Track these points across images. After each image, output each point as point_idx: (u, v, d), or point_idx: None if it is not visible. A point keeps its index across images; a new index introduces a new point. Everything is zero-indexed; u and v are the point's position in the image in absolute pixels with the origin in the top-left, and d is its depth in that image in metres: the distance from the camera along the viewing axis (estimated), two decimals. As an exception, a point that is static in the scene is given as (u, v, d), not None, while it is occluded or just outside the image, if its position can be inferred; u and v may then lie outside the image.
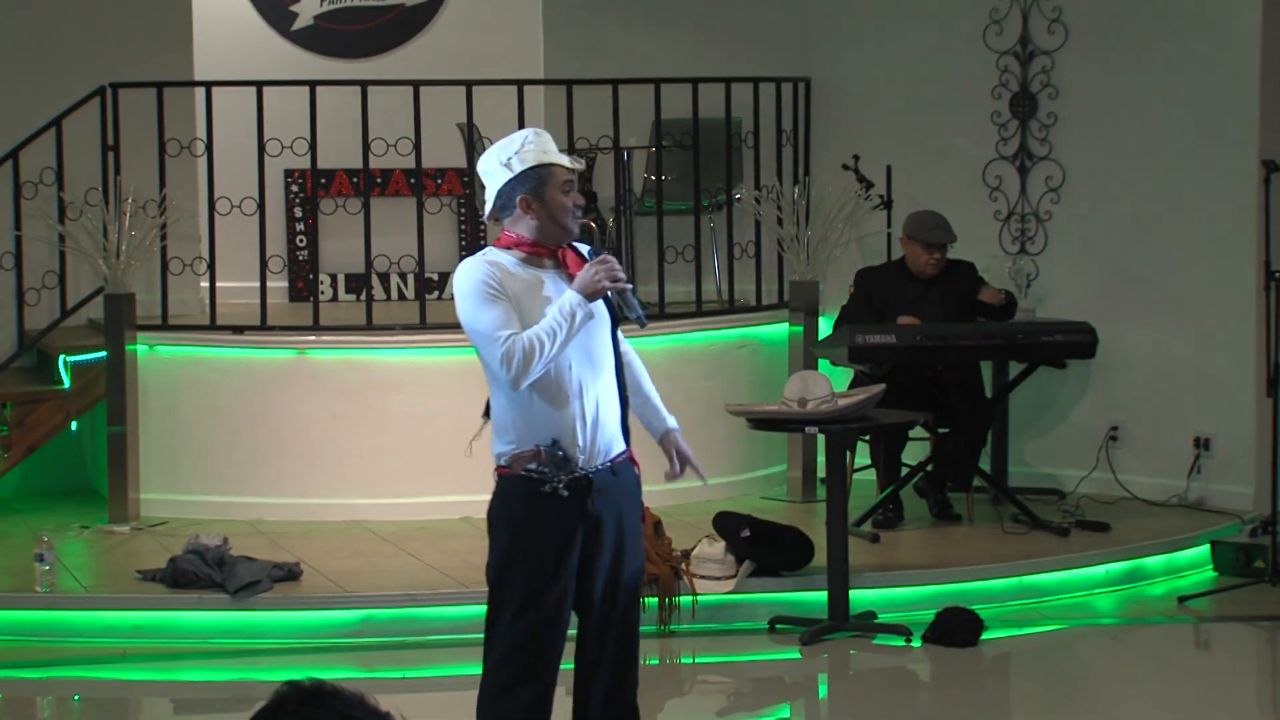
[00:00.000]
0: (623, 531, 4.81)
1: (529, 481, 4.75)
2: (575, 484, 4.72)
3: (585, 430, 4.72)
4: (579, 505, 4.74)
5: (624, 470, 4.84)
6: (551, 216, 4.75)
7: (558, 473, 4.71)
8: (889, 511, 8.55)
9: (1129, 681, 7.19)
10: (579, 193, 4.81)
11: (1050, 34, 9.47)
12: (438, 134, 9.22)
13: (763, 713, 6.99)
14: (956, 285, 8.70)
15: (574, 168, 4.79)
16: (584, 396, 4.73)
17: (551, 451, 4.70)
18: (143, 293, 8.79)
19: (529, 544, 4.78)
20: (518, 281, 4.73)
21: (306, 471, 8.74)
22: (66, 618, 7.33)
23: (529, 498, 4.75)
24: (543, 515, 4.74)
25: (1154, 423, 9.24)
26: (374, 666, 7.10)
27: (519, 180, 4.75)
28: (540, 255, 4.77)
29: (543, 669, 4.82)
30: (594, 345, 4.76)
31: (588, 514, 4.75)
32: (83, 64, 9.15)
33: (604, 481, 4.76)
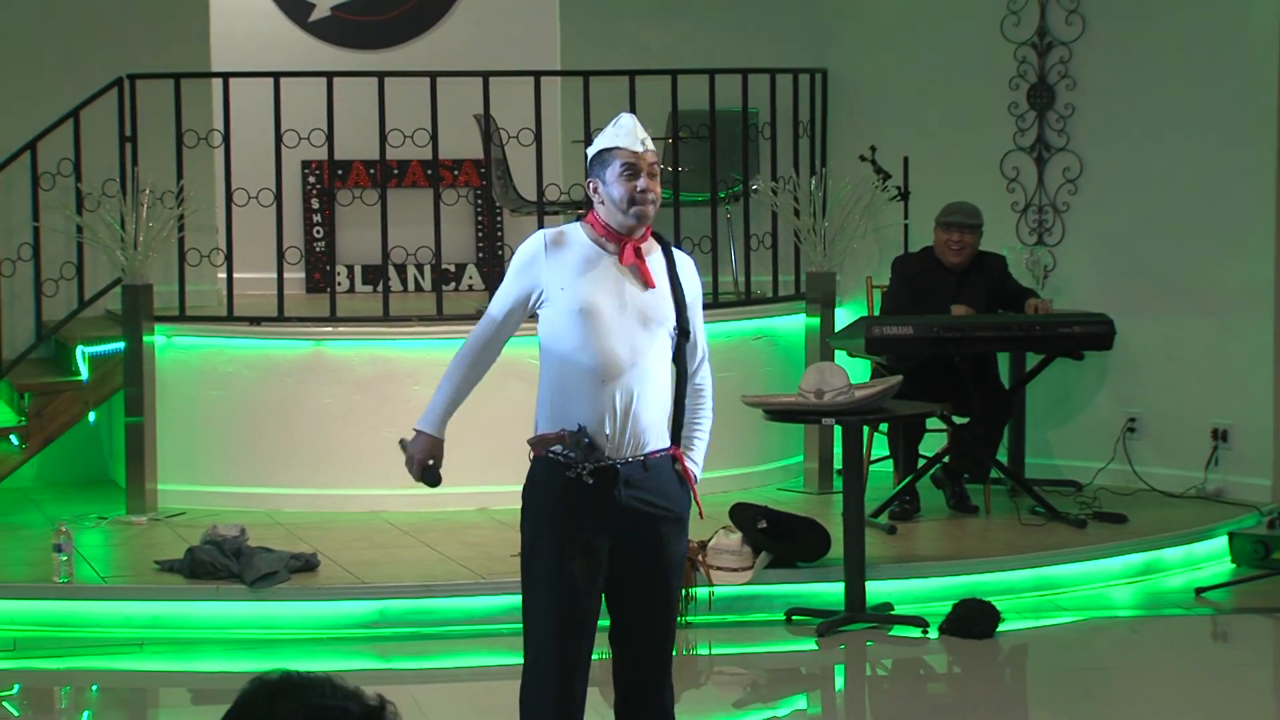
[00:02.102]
0: (657, 529, 4.71)
1: (556, 465, 4.68)
2: (600, 473, 4.66)
3: (614, 420, 4.66)
4: (606, 495, 4.66)
5: (660, 467, 4.72)
6: (612, 201, 4.71)
7: (583, 459, 4.65)
8: (906, 503, 8.54)
9: (1146, 674, 7.18)
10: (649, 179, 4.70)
11: (1068, 25, 9.45)
12: (454, 125, 9.23)
13: (779, 704, 6.99)
14: (984, 277, 8.70)
15: (638, 150, 4.69)
16: (617, 387, 4.66)
17: (576, 437, 4.65)
18: (160, 284, 8.80)
19: (553, 529, 4.71)
20: (576, 252, 4.72)
21: (324, 462, 8.75)
22: (84, 608, 7.35)
23: (555, 482, 4.69)
24: (568, 500, 4.68)
25: (1171, 414, 9.23)
26: (391, 657, 7.11)
27: (590, 163, 4.77)
28: (609, 240, 4.73)
29: (568, 657, 4.73)
30: (637, 340, 4.68)
31: (618, 506, 4.67)
32: (100, 55, 9.16)
33: (634, 475, 4.68)
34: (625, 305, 4.69)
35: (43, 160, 8.83)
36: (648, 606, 4.76)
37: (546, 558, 4.71)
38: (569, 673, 4.73)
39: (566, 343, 4.68)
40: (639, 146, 4.70)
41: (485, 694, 7.02)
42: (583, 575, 4.69)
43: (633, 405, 4.67)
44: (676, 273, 4.78)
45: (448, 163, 9.90)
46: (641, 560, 4.72)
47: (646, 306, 4.71)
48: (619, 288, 4.70)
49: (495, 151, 9.13)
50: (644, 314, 4.70)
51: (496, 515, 8.50)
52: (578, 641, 4.73)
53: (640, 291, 4.71)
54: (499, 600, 7.35)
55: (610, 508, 4.67)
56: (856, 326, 8.46)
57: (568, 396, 4.68)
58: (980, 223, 8.68)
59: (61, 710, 6.92)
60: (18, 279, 9.00)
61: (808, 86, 9.66)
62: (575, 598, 4.69)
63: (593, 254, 4.72)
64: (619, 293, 4.70)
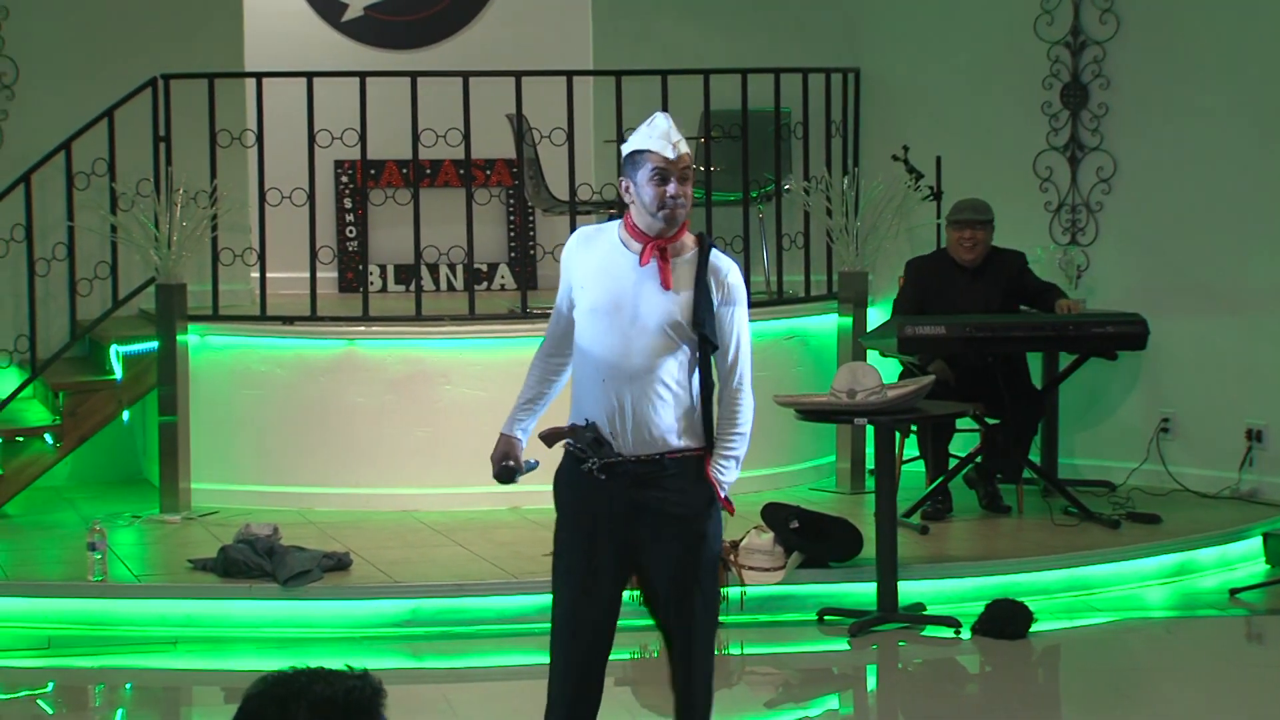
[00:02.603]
0: (672, 529, 4.72)
1: (573, 458, 4.75)
2: (610, 468, 4.69)
3: (620, 419, 4.69)
4: (620, 491, 4.70)
5: (682, 467, 4.72)
6: (641, 203, 4.71)
7: (592, 454, 4.69)
8: (938, 503, 8.52)
9: (1180, 675, 7.15)
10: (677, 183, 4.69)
11: (1102, 24, 9.42)
12: (487, 125, 9.23)
13: (812, 704, 6.98)
14: (1001, 274, 8.67)
15: (669, 156, 4.67)
16: (621, 387, 4.68)
17: (582, 432, 4.70)
18: (194, 283, 8.82)
19: (569, 519, 4.81)
20: (602, 252, 4.76)
21: (356, 461, 8.76)
22: (118, 606, 7.37)
23: (573, 474, 4.76)
24: (583, 492, 4.74)
25: (1205, 414, 9.19)
26: (423, 656, 7.12)
27: (624, 163, 4.76)
28: (636, 239, 4.74)
29: (578, 650, 4.77)
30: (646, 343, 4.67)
31: (632, 502, 4.70)
32: (135, 56, 9.20)
33: (649, 473, 4.70)
34: (637, 308, 4.68)
35: (77, 160, 8.87)
36: (666, 605, 4.78)
37: (562, 550, 4.81)
38: (575, 669, 4.77)
39: (582, 340, 4.75)
40: (670, 152, 4.68)
41: (516, 693, 7.03)
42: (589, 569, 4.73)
43: (638, 407, 4.68)
44: (706, 278, 4.72)
45: (480, 162, 9.91)
46: (659, 560, 4.74)
47: (660, 310, 4.69)
48: (636, 290, 4.70)
49: (528, 151, 9.14)
50: (657, 317, 4.68)
51: (528, 515, 8.51)
52: (584, 636, 4.75)
53: (658, 294, 4.69)
54: (530, 600, 7.35)
55: (623, 504, 4.70)
56: (889, 326, 8.45)
57: (582, 392, 4.76)
58: (991, 218, 8.66)
59: (95, 708, 6.95)
60: (52, 278, 9.04)
61: (840, 86, 9.65)
62: (581, 592, 4.74)
63: (617, 254, 4.74)
64: (634, 295, 4.70)
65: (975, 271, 8.66)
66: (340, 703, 2.69)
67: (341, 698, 2.69)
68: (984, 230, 8.64)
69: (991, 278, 8.66)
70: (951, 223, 8.68)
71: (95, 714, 6.91)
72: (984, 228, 8.64)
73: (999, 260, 8.70)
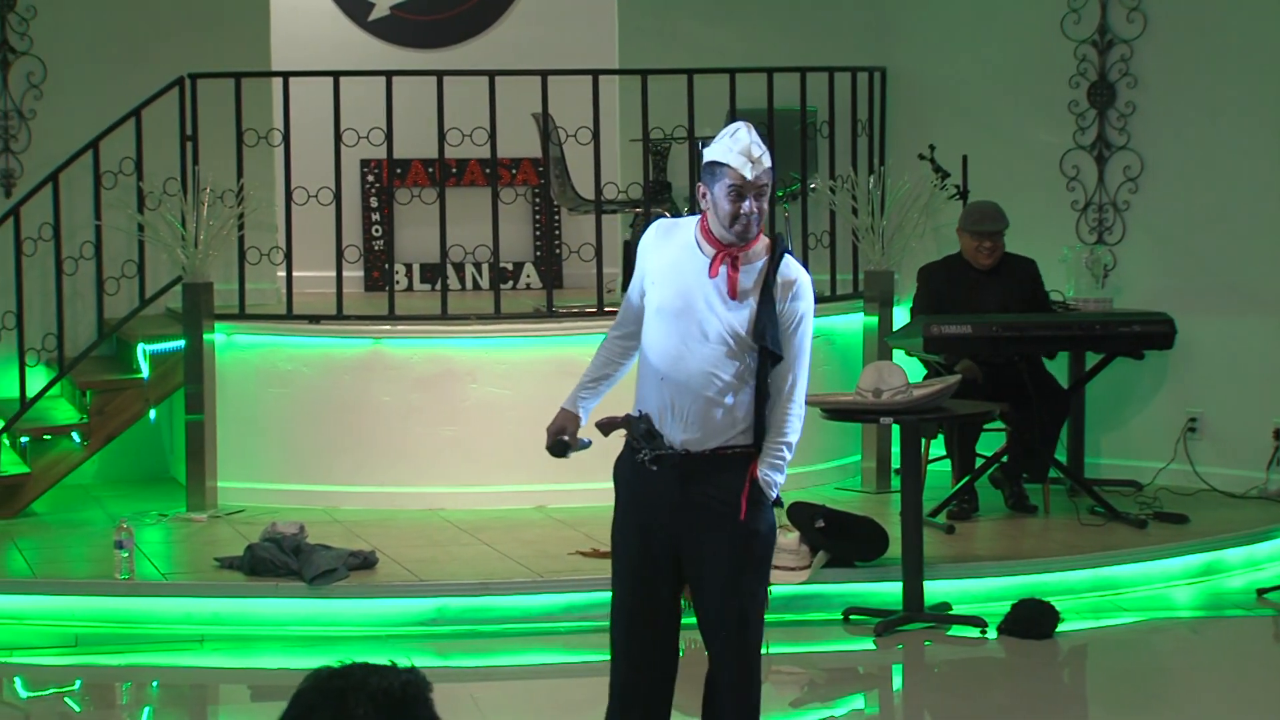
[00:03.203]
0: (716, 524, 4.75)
1: (630, 449, 4.84)
2: (661, 460, 4.75)
3: (672, 417, 4.75)
4: (671, 483, 4.75)
5: (732, 465, 4.76)
6: (715, 214, 4.73)
7: (644, 445, 4.77)
8: (964, 502, 8.51)
9: (1207, 675, 7.13)
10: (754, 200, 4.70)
11: (1129, 22, 9.40)
12: (513, 124, 9.24)
13: (837, 703, 6.98)
14: (1016, 278, 8.66)
15: (747, 176, 4.68)
16: (675, 389, 4.74)
17: (635, 422, 4.79)
18: (220, 282, 8.85)
19: (625, 507, 4.89)
20: (677, 250, 4.80)
21: (382, 460, 8.78)
22: (145, 604, 7.39)
23: (630, 463, 4.85)
24: (638, 482, 4.81)
25: (1233, 414, 9.17)
26: (449, 654, 7.13)
27: (702, 168, 4.79)
28: (709, 244, 4.77)
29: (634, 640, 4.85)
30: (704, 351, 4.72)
31: (683, 496, 4.76)
32: (162, 55, 9.22)
33: (698, 468, 4.74)
34: (702, 315, 4.71)
35: (105, 159, 8.89)
36: (706, 599, 4.80)
37: (618, 538, 4.90)
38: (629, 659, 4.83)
39: (646, 336, 4.82)
40: (750, 172, 4.68)
41: (542, 692, 7.04)
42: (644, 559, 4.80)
43: (691, 410, 4.73)
44: (774, 288, 4.74)
45: (506, 161, 9.92)
46: (706, 556, 4.77)
47: (723, 322, 4.72)
48: (703, 295, 4.73)
49: (553, 150, 9.14)
50: (718, 328, 4.71)
51: (554, 514, 8.51)
52: (637, 626, 4.83)
53: (723, 304, 4.72)
54: (556, 599, 7.37)
55: (674, 496, 4.76)
56: (914, 326, 8.44)
57: (643, 384, 4.83)
58: (1008, 223, 8.64)
59: (122, 706, 6.96)
60: (80, 277, 9.07)
61: (866, 85, 9.63)
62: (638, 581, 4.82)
63: (691, 255, 4.78)
64: (700, 301, 4.73)
65: (989, 274, 8.65)
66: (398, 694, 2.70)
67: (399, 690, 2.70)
68: (1002, 237, 8.64)
69: (1006, 279, 8.65)
70: (970, 232, 8.64)
71: (122, 712, 6.93)
72: (1002, 235, 8.63)
73: (1012, 263, 8.70)
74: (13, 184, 9.30)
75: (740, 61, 9.38)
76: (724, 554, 4.76)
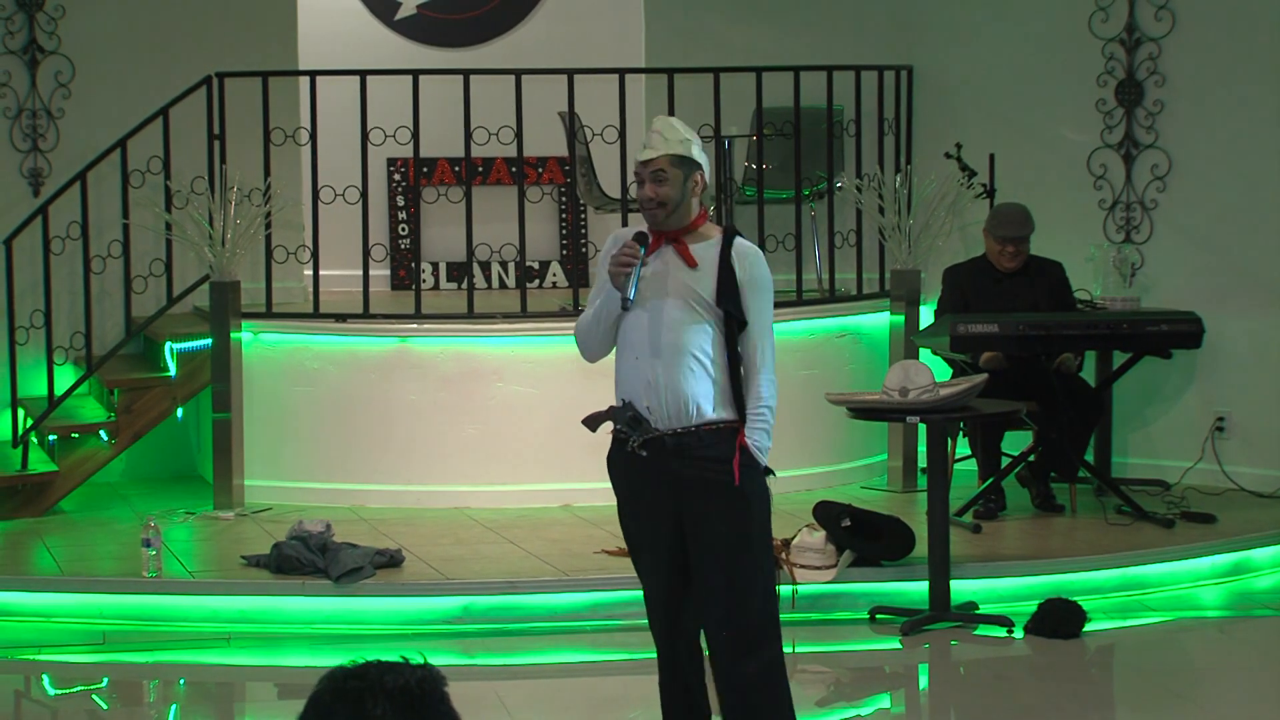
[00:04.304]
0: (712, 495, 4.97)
1: (618, 440, 5.07)
2: (650, 444, 4.98)
3: (653, 394, 4.98)
4: (663, 465, 4.98)
5: (720, 438, 4.98)
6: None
7: (631, 432, 4.99)
8: (990, 502, 8.50)
9: (1235, 675, 7.11)
10: (653, 184, 5.07)
11: (1157, 20, 9.37)
12: (539, 123, 9.25)
13: (863, 703, 6.97)
14: (1043, 280, 8.65)
15: (641, 158, 5.09)
16: (653, 363, 4.98)
17: (620, 411, 5.01)
18: (247, 281, 8.87)
19: (625, 501, 5.13)
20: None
21: (408, 459, 8.79)
22: (172, 602, 7.41)
23: (620, 455, 5.09)
24: (631, 473, 5.06)
25: (1261, 413, 9.14)
26: (475, 653, 7.14)
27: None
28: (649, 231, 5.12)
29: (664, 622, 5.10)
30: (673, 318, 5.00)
31: (673, 474, 4.98)
32: (189, 54, 9.25)
33: (688, 444, 4.96)
34: (664, 288, 5.00)
35: (133, 158, 8.92)
36: (709, 570, 4.97)
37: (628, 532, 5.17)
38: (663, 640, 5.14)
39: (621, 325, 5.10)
40: (642, 154, 5.09)
41: (568, 690, 7.04)
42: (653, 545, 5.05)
43: (670, 380, 4.96)
44: (731, 260, 5.04)
45: (532, 160, 9.92)
46: (708, 528, 4.98)
47: (683, 286, 5.01)
48: (661, 273, 5.03)
49: (580, 149, 9.14)
50: (683, 295, 4.99)
51: (579, 512, 8.52)
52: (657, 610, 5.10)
53: (682, 275, 5.02)
54: (583, 597, 7.37)
55: (668, 477, 4.98)
56: (941, 324, 8.42)
57: (620, 375, 5.09)
58: (1033, 228, 8.61)
59: (149, 703, 6.98)
60: (108, 276, 9.09)
61: (893, 83, 9.62)
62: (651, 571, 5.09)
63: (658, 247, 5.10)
64: (661, 277, 5.02)
65: (1016, 275, 8.63)
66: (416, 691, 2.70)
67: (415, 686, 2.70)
68: (1027, 242, 8.62)
69: (1033, 281, 8.63)
70: (995, 236, 8.62)
71: (149, 709, 6.95)
72: (1026, 241, 8.61)
73: (1039, 265, 8.68)
74: (41, 183, 9.32)
75: (767, 60, 9.38)
76: (723, 524, 4.96)
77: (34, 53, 9.34)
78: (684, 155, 5.08)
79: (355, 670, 2.72)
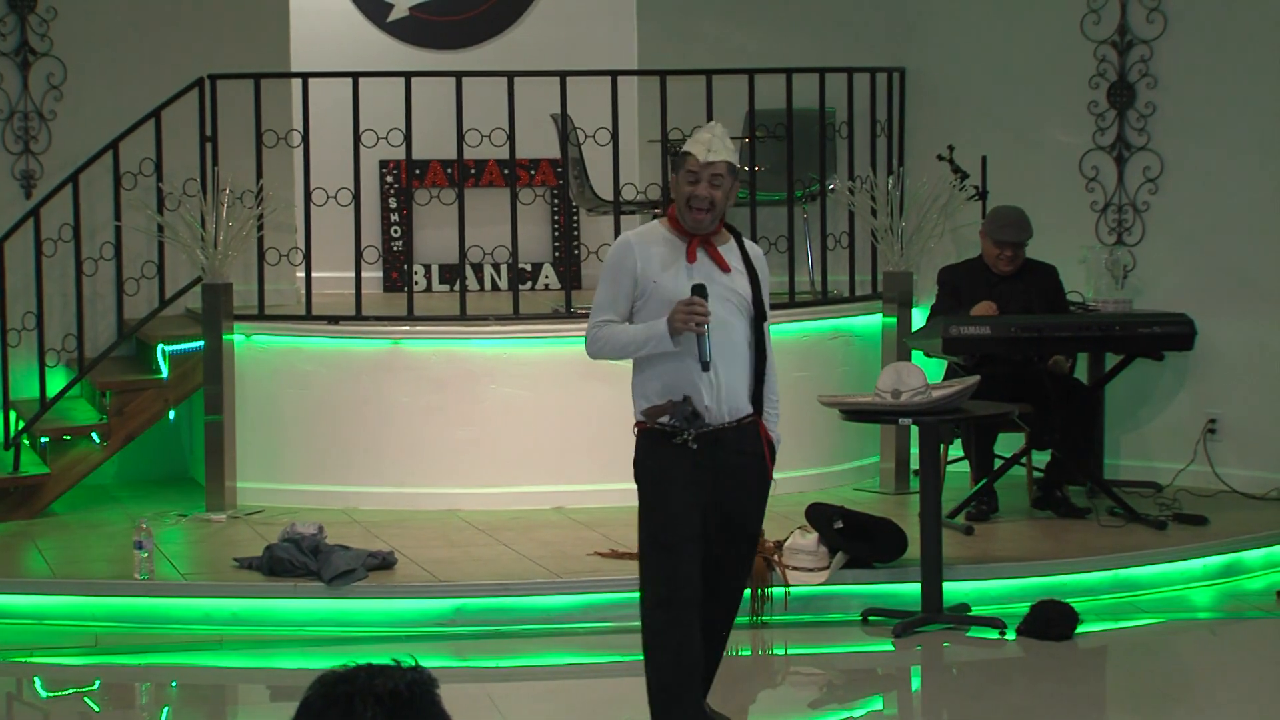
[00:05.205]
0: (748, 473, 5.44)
1: (663, 435, 5.36)
2: (702, 437, 5.34)
3: (713, 391, 5.36)
4: (706, 455, 5.35)
5: (749, 429, 5.44)
6: (678, 200, 5.42)
7: (688, 426, 5.31)
8: (983, 503, 8.50)
9: (1227, 677, 7.11)
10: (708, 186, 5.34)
11: (1149, 23, 9.38)
12: (532, 125, 9.25)
13: (855, 705, 6.97)
14: (1037, 283, 8.65)
15: (703, 159, 5.33)
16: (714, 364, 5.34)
17: (681, 406, 5.31)
18: (240, 283, 8.86)
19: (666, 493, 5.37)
20: (661, 255, 5.40)
21: (400, 461, 8.78)
22: (164, 605, 7.41)
23: (663, 449, 5.37)
24: (676, 467, 5.35)
25: (1253, 415, 9.14)
26: (467, 655, 7.14)
27: (675, 163, 5.49)
28: (679, 235, 5.43)
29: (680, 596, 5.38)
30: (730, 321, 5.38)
31: (714, 463, 5.37)
32: (181, 56, 9.24)
33: (728, 437, 5.38)
34: (714, 292, 5.34)
35: (125, 160, 8.91)
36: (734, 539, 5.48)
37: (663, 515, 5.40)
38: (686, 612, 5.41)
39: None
40: (703, 155, 5.34)
41: (560, 692, 7.04)
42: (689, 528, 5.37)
43: (727, 377, 5.37)
44: (750, 259, 5.49)
45: (525, 162, 9.92)
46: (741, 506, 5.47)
47: (727, 290, 5.39)
48: (705, 276, 5.36)
49: (572, 151, 9.14)
50: (725, 296, 5.38)
51: (572, 514, 8.52)
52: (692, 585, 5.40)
53: (719, 277, 5.39)
54: (575, 599, 7.37)
55: (712, 466, 5.37)
56: (933, 326, 8.43)
57: (669, 375, 5.36)
58: (1031, 234, 8.61)
59: (141, 706, 6.98)
60: (99, 278, 9.09)
61: (885, 85, 9.63)
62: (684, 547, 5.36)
63: (673, 247, 5.42)
64: (707, 280, 5.35)
65: (1010, 277, 8.64)
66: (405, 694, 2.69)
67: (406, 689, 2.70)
68: (1024, 247, 8.62)
69: (1027, 284, 8.64)
70: (993, 239, 8.62)
71: (141, 712, 6.94)
72: (1024, 245, 8.62)
73: (1033, 269, 8.69)
74: (33, 185, 9.31)
75: (759, 62, 9.38)
76: (754, 504, 5.52)
77: (26, 54, 9.33)
78: (735, 165, 5.42)
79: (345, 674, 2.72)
